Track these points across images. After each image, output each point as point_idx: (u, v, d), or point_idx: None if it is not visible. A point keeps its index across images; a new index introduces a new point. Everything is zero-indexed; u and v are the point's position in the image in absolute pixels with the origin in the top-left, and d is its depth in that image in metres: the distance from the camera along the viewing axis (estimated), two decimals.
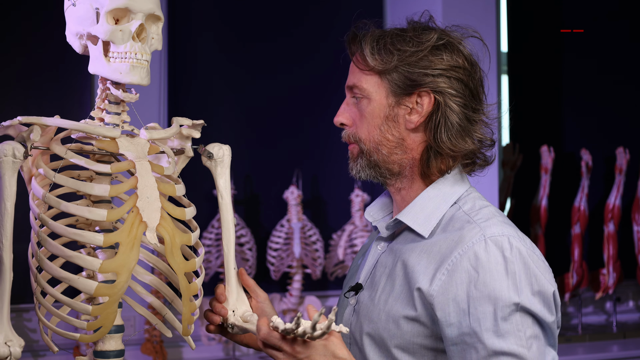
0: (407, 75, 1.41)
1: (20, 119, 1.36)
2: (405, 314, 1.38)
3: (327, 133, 3.19)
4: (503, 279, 1.31)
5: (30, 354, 2.67)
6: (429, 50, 1.41)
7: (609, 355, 3.26)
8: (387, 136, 1.44)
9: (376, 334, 1.42)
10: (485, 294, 1.31)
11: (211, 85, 3.09)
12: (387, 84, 1.43)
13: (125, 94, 1.42)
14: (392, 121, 1.44)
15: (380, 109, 1.44)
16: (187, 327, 1.46)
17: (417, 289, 1.37)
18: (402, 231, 1.49)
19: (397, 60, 1.41)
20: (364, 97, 1.45)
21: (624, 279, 3.54)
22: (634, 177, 3.57)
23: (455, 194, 1.45)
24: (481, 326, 1.31)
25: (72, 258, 1.33)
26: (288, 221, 2.98)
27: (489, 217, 1.40)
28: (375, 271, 1.49)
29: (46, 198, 1.35)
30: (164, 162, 1.51)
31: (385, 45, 1.42)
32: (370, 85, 1.44)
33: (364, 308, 1.46)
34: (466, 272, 1.33)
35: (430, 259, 1.39)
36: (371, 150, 1.45)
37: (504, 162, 3.44)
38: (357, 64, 1.46)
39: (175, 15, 3.02)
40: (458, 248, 1.36)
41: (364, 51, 1.43)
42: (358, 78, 1.45)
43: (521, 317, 1.31)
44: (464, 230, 1.38)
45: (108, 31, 1.37)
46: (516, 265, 1.32)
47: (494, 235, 1.35)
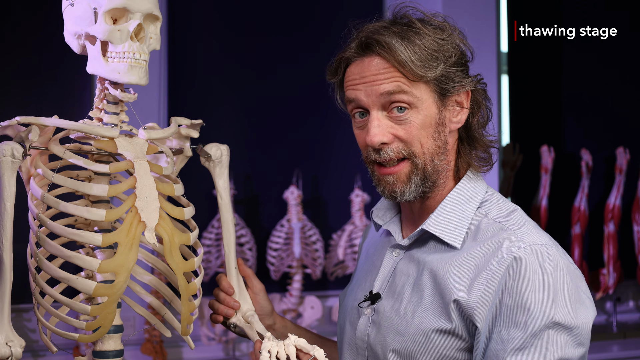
0: (451, 77, 1.37)
1: (18, 119, 1.36)
2: (438, 326, 1.34)
3: (327, 133, 3.19)
4: (538, 290, 1.27)
5: (30, 354, 2.67)
6: (457, 49, 1.39)
7: (609, 355, 3.25)
8: (438, 143, 1.38)
9: (404, 349, 1.36)
10: (520, 303, 1.27)
11: (211, 85, 3.09)
12: (432, 89, 1.36)
13: (123, 93, 1.42)
14: (441, 126, 1.38)
15: (432, 117, 1.37)
16: (186, 327, 1.46)
17: (454, 300, 1.32)
18: (422, 238, 1.44)
19: (443, 67, 1.35)
20: (411, 108, 1.35)
21: (624, 279, 3.54)
22: (634, 177, 3.57)
23: (477, 196, 1.42)
24: (509, 335, 1.27)
25: (71, 258, 1.33)
26: (288, 221, 2.98)
27: (522, 223, 1.36)
28: (394, 280, 1.43)
29: (45, 198, 1.35)
30: (162, 162, 1.51)
31: (426, 51, 1.34)
32: (420, 93, 1.35)
33: (386, 320, 1.41)
34: (504, 279, 1.29)
35: (464, 269, 1.34)
36: (427, 163, 1.37)
37: (504, 162, 3.44)
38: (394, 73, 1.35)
39: (175, 15, 3.02)
40: (496, 256, 1.31)
41: (402, 58, 1.33)
42: (400, 87, 1.34)
43: (553, 334, 1.27)
44: (499, 238, 1.34)
45: (106, 31, 1.37)
46: (554, 278, 1.28)
47: (533, 244, 1.31)
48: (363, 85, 1.37)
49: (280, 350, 1.27)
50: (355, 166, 3.02)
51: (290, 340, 1.28)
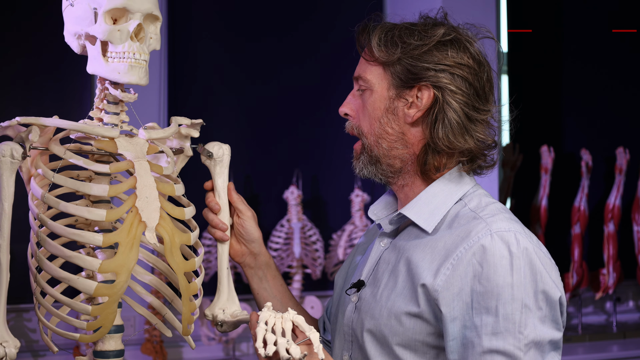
0: (410, 68, 1.40)
1: (18, 120, 1.36)
2: (407, 310, 1.37)
3: (327, 133, 3.19)
4: (507, 274, 1.29)
5: (30, 354, 2.67)
6: (434, 44, 1.39)
7: (609, 355, 3.25)
8: (387, 129, 1.43)
9: (377, 331, 1.40)
10: (489, 289, 1.29)
11: (211, 85, 3.09)
12: (389, 76, 1.43)
13: (123, 93, 1.42)
14: (391, 114, 1.43)
15: (381, 101, 1.43)
16: (187, 326, 1.46)
17: (422, 285, 1.35)
18: (406, 227, 1.48)
19: (401, 52, 1.40)
20: (367, 89, 1.45)
21: (624, 279, 3.54)
22: (634, 177, 3.57)
23: (460, 191, 1.44)
24: (482, 321, 1.29)
25: (72, 258, 1.33)
26: (288, 221, 2.98)
27: (495, 213, 1.38)
28: (378, 268, 1.48)
29: (45, 198, 1.35)
30: (163, 161, 1.51)
31: (392, 38, 1.42)
32: (373, 77, 1.44)
33: (365, 305, 1.45)
34: (471, 265, 1.32)
35: (435, 255, 1.37)
36: (372, 145, 1.45)
37: (504, 162, 3.44)
38: (363, 54, 1.47)
39: (175, 15, 3.02)
40: (464, 243, 1.34)
41: (371, 42, 1.43)
42: (363, 69, 1.45)
43: (526, 317, 1.28)
44: (469, 225, 1.37)
45: (106, 31, 1.37)
46: (522, 261, 1.30)
47: (500, 230, 1.33)
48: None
49: (277, 323, 1.25)
50: None
51: (288, 314, 1.26)
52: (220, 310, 1.56)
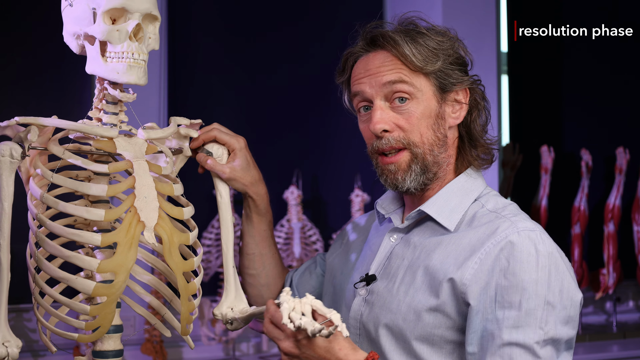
0: (450, 73, 1.46)
1: (17, 119, 1.36)
2: (428, 304, 1.39)
3: (327, 133, 3.19)
4: (533, 271, 1.33)
5: (30, 354, 2.67)
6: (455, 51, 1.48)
7: (609, 355, 3.25)
8: (437, 135, 1.47)
9: (395, 325, 1.42)
10: (514, 283, 1.32)
11: (211, 84, 3.09)
12: (432, 83, 1.46)
13: (122, 93, 1.42)
14: (440, 119, 1.47)
15: (432, 109, 1.46)
16: (186, 326, 1.46)
17: (449, 279, 1.37)
18: (420, 223, 1.50)
19: (442, 63, 1.45)
20: (411, 99, 1.45)
21: (624, 279, 3.54)
22: (634, 177, 3.57)
23: (476, 190, 1.49)
24: (504, 315, 1.32)
25: (70, 258, 1.33)
26: (288, 221, 2.98)
27: (517, 213, 1.44)
28: (390, 263, 1.49)
29: (44, 198, 1.35)
30: (161, 161, 1.51)
31: (429, 45, 1.45)
32: (420, 85, 1.45)
33: (379, 299, 1.46)
34: (498, 260, 1.35)
35: (460, 251, 1.40)
36: (425, 153, 1.46)
37: (504, 162, 3.44)
38: (393, 66, 1.45)
39: (175, 15, 3.02)
40: (491, 239, 1.38)
41: (404, 51, 1.43)
42: (401, 78, 1.44)
43: (547, 313, 1.32)
44: (495, 223, 1.41)
45: (105, 31, 1.37)
46: (548, 260, 1.34)
47: (527, 229, 1.38)
48: (367, 77, 1.46)
49: (297, 306, 1.27)
50: (355, 166, 3.02)
51: (307, 299, 1.29)
52: (229, 308, 1.57)
